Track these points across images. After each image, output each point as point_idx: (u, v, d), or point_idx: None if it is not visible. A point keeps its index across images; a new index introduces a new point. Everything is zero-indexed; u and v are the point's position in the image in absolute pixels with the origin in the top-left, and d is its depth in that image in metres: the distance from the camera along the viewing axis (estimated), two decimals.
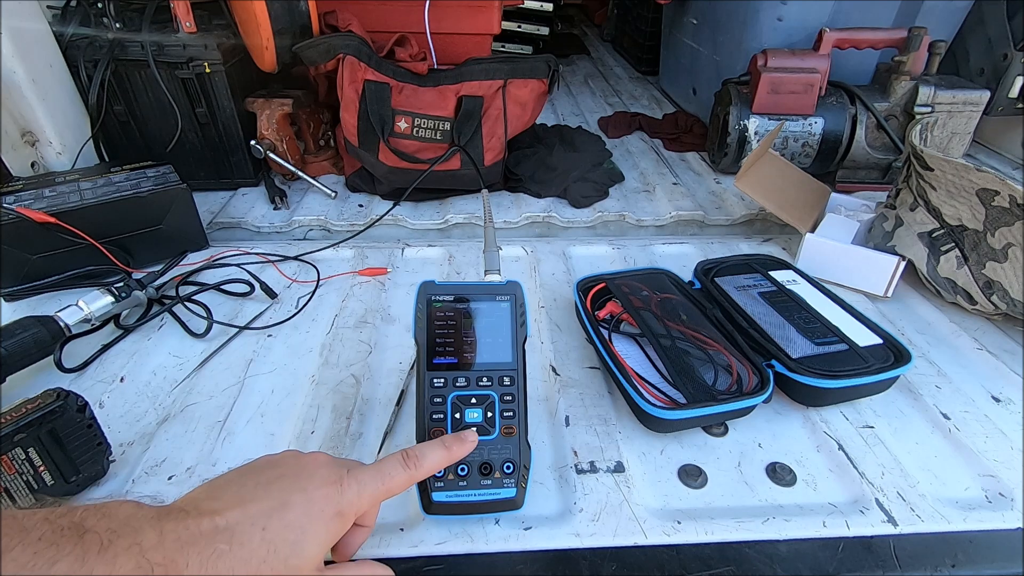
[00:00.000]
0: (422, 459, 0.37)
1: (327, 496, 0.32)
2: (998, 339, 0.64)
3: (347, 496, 0.33)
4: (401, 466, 0.36)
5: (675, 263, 0.73)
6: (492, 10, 1.00)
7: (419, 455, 0.37)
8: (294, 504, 0.31)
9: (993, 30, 0.99)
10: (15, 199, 0.67)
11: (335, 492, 0.32)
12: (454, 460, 0.39)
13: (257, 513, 0.30)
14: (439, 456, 0.38)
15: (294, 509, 0.31)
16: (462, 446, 0.39)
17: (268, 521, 0.30)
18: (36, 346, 0.55)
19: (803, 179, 0.87)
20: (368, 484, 0.34)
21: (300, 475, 0.33)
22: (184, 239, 0.75)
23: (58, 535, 0.25)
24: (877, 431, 0.52)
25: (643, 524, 0.43)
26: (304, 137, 0.94)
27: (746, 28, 1.01)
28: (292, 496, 0.31)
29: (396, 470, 0.35)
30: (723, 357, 0.53)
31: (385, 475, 0.35)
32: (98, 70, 0.80)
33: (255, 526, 0.29)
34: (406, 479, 0.36)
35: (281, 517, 0.30)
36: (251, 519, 0.29)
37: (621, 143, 1.12)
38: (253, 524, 0.29)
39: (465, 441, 0.39)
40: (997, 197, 0.60)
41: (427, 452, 0.37)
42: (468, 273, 0.75)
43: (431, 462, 0.37)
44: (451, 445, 0.39)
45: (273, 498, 0.31)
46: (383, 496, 0.35)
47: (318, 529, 0.31)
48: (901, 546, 0.43)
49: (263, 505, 0.30)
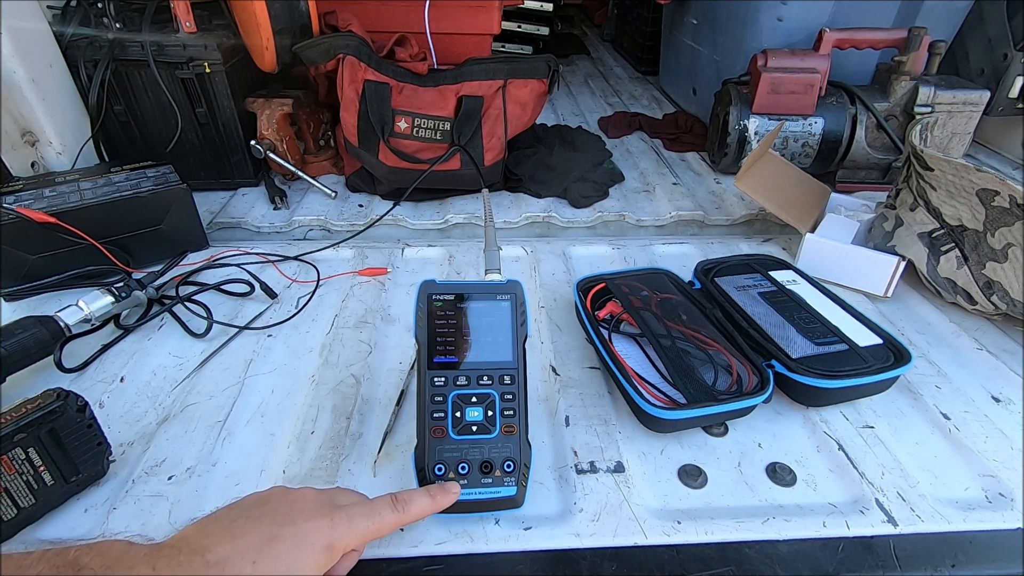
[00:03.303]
0: (409, 504, 0.38)
1: (317, 528, 0.33)
2: (998, 339, 0.64)
3: (337, 530, 0.33)
4: (390, 508, 0.37)
5: (675, 263, 0.73)
6: (492, 10, 1.00)
7: (407, 500, 0.38)
8: (284, 537, 0.31)
9: (993, 30, 0.99)
10: (15, 199, 0.67)
11: (325, 525, 0.33)
12: (438, 510, 0.39)
13: (247, 547, 0.30)
14: (425, 504, 0.39)
15: (284, 542, 0.31)
16: (446, 496, 0.40)
17: (258, 555, 0.30)
18: (36, 346, 0.55)
19: (803, 179, 0.87)
20: (358, 521, 0.35)
21: (290, 510, 0.33)
22: (184, 239, 0.75)
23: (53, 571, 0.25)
24: (877, 431, 0.52)
25: (643, 524, 0.43)
26: (304, 137, 0.94)
27: (746, 28, 1.01)
28: (282, 530, 0.32)
29: (386, 511, 0.36)
30: (723, 357, 0.53)
31: (375, 515, 0.36)
32: (98, 70, 0.80)
33: (245, 559, 0.30)
34: (394, 521, 0.36)
35: (271, 550, 0.31)
36: (241, 553, 0.30)
37: (621, 143, 1.12)
38: (243, 558, 0.30)
39: (449, 492, 0.40)
40: (997, 197, 0.60)
41: (414, 498, 0.38)
42: (468, 273, 0.75)
43: (417, 508, 0.38)
44: (436, 495, 0.40)
45: (263, 532, 0.31)
46: (372, 535, 0.36)
47: (308, 561, 0.32)
48: (901, 546, 0.43)
49: (253, 539, 0.31)
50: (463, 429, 0.42)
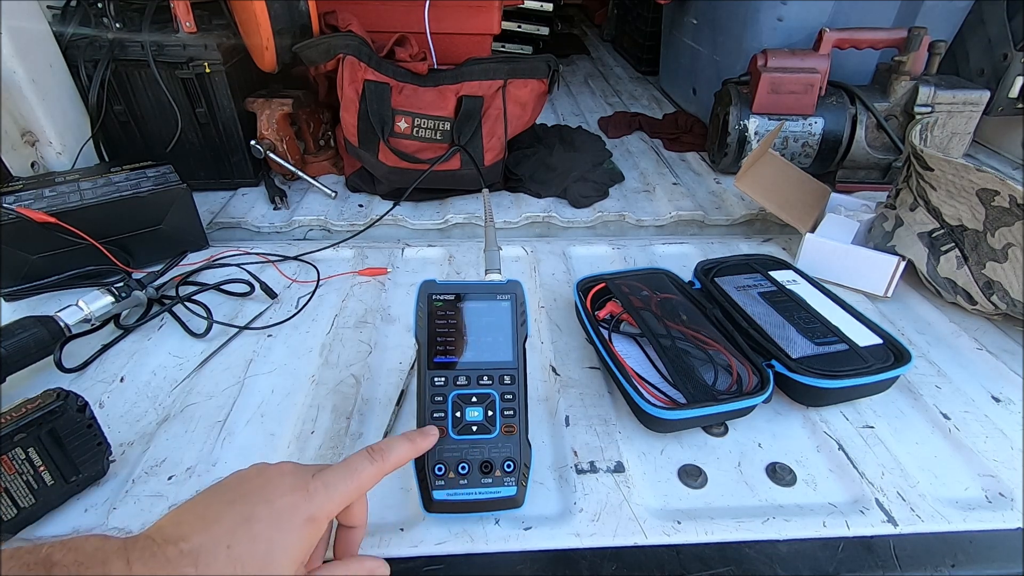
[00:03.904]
0: (388, 452, 0.37)
1: (293, 504, 0.32)
2: (998, 339, 0.64)
3: (316, 501, 0.33)
4: (368, 460, 0.36)
5: (675, 263, 0.73)
6: (492, 10, 1.00)
7: (385, 448, 0.37)
8: (259, 517, 0.31)
9: (993, 30, 0.99)
10: (15, 199, 0.67)
11: (301, 499, 0.32)
12: (419, 453, 0.39)
13: (221, 533, 0.30)
14: (404, 449, 0.38)
15: (259, 522, 0.31)
16: (425, 439, 0.40)
17: (232, 538, 0.29)
18: (36, 346, 0.55)
19: (803, 179, 0.87)
20: (337, 484, 0.34)
21: (265, 488, 0.32)
22: (184, 239, 0.75)
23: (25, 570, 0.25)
24: (877, 431, 0.52)
25: (643, 524, 0.43)
26: (304, 137, 0.94)
27: (746, 28, 1.01)
28: (256, 509, 0.31)
29: (363, 465, 0.35)
30: (723, 357, 0.53)
31: (353, 471, 0.35)
32: (98, 70, 0.80)
33: (219, 545, 0.29)
34: (374, 472, 0.36)
35: (246, 532, 0.30)
36: (215, 540, 0.29)
37: (621, 143, 1.12)
38: (217, 544, 0.29)
39: (428, 435, 0.40)
40: (997, 197, 0.60)
41: (393, 445, 0.38)
42: (468, 273, 0.75)
43: (397, 455, 0.37)
44: (415, 439, 0.39)
45: (237, 514, 0.31)
46: (354, 493, 0.35)
47: (288, 538, 0.31)
48: (901, 546, 0.43)
49: (226, 523, 0.30)
50: (463, 429, 0.42)
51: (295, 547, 0.31)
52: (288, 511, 0.31)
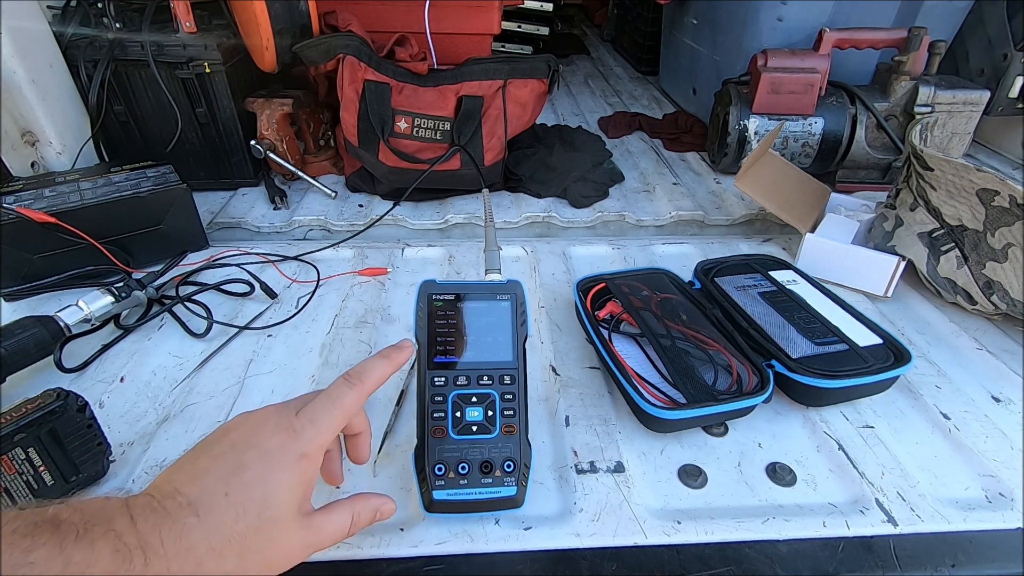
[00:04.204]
0: (365, 374, 0.37)
1: (282, 445, 0.32)
2: (998, 339, 0.64)
3: (304, 437, 0.33)
4: (347, 386, 0.36)
5: (675, 263, 0.73)
6: (492, 10, 1.00)
7: (362, 371, 0.37)
8: (249, 463, 0.31)
9: (993, 30, 0.99)
10: (15, 199, 0.67)
11: (289, 439, 0.32)
12: (396, 368, 0.39)
13: (215, 482, 0.30)
14: (381, 367, 0.38)
15: (251, 467, 0.31)
16: (401, 353, 0.39)
17: (228, 486, 0.30)
18: (36, 346, 0.55)
19: (803, 179, 0.87)
20: (321, 417, 0.34)
21: (251, 435, 0.32)
22: (184, 239, 0.75)
23: (32, 528, 0.25)
24: (877, 431, 0.52)
25: (643, 524, 0.43)
26: (304, 137, 0.94)
27: (746, 28, 1.01)
28: (245, 457, 0.31)
29: (344, 392, 0.36)
30: (723, 357, 0.53)
31: (335, 403, 0.35)
32: (98, 70, 0.80)
33: (217, 494, 0.29)
34: (356, 397, 0.36)
35: (240, 479, 0.30)
36: (211, 489, 0.30)
37: (621, 143, 1.12)
38: (214, 493, 0.29)
39: (403, 349, 0.40)
40: (997, 197, 0.60)
41: (369, 367, 0.38)
42: (468, 273, 0.75)
43: (375, 375, 0.37)
44: (390, 354, 0.39)
45: (227, 464, 0.31)
46: (340, 422, 0.35)
47: (283, 478, 0.31)
48: (901, 546, 0.43)
49: (219, 474, 0.30)
50: (463, 429, 0.42)
51: (292, 486, 0.32)
52: (278, 453, 0.32)
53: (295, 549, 0.32)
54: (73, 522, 0.26)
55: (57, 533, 0.25)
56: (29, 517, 0.25)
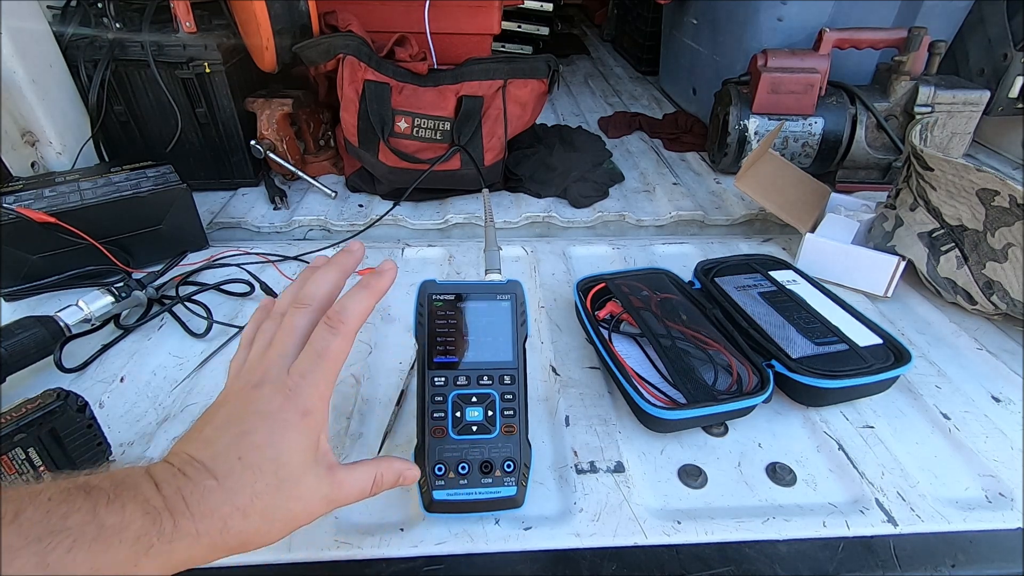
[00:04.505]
0: (345, 313, 0.34)
1: (281, 406, 0.32)
2: (998, 339, 0.64)
3: (302, 395, 0.32)
4: (329, 333, 0.34)
5: (675, 263, 0.73)
6: (492, 10, 1.00)
7: (340, 310, 0.35)
8: (255, 428, 0.31)
9: (993, 30, 0.99)
10: (15, 199, 0.67)
11: (286, 399, 0.32)
12: (379, 296, 0.37)
13: (225, 448, 0.30)
14: (362, 301, 0.35)
15: (257, 431, 0.31)
16: (380, 279, 0.37)
17: (239, 450, 0.30)
18: (36, 346, 0.55)
19: (803, 179, 0.87)
20: (312, 372, 0.33)
21: (248, 400, 0.32)
22: (184, 239, 0.75)
23: (66, 494, 0.26)
24: (877, 431, 0.52)
25: (643, 524, 0.43)
26: (304, 137, 0.94)
27: (746, 28, 1.01)
28: (247, 422, 0.31)
29: (327, 340, 0.34)
30: (723, 357, 0.53)
31: (321, 352, 0.33)
32: (98, 70, 0.80)
33: (231, 458, 0.30)
34: (341, 343, 0.34)
35: (249, 442, 0.30)
36: (224, 455, 0.30)
37: (621, 143, 1.12)
38: (228, 458, 0.30)
39: (383, 273, 0.37)
40: (997, 197, 0.60)
41: (348, 304, 0.35)
42: (468, 273, 0.75)
43: (357, 312, 0.35)
44: (369, 283, 0.37)
45: (233, 431, 0.31)
46: (333, 373, 0.34)
47: (290, 437, 0.31)
48: (901, 546, 0.43)
49: (227, 440, 0.31)
50: (463, 429, 0.42)
51: (301, 443, 0.32)
52: (280, 413, 0.32)
53: (316, 503, 0.32)
54: (103, 488, 0.27)
55: (89, 499, 0.26)
56: (62, 484, 0.26)
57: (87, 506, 0.25)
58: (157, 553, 0.26)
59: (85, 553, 0.24)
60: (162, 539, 0.26)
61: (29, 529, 0.24)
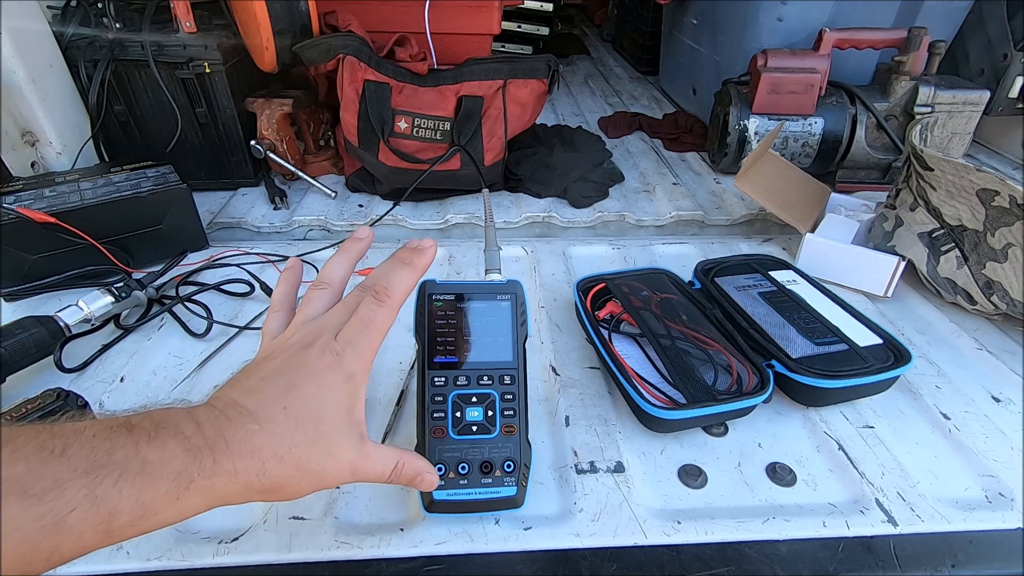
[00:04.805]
0: (392, 288, 0.36)
1: (329, 366, 0.33)
2: (998, 339, 0.64)
3: (347, 360, 0.33)
4: (376, 305, 0.35)
5: (675, 263, 0.73)
6: (492, 10, 1.00)
7: (387, 284, 0.36)
8: (302, 383, 0.32)
9: (993, 30, 0.99)
10: (15, 199, 0.67)
11: (334, 362, 0.33)
12: (422, 272, 0.38)
13: (271, 397, 0.31)
14: (407, 278, 0.37)
15: (304, 386, 0.32)
16: (422, 257, 0.38)
17: (284, 401, 0.31)
18: (36, 346, 0.55)
19: (803, 179, 0.87)
20: (359, 340, 0.34)
21: (296, 357, 0.33)
22: (184, 239, 0.75)
23: (109, 431, 0.27)
24: (877, 431, 0.52)
25: (643, 524, 0.43)
26: (304, 137, 0.94)
27: (746, 28, 1.01)
28: (296, 378, 0.32)
29: (374, 312, 0.35)
30: (723, 357, 0.53)
31: (367, 323, 0.35)
32: (98, 70, 0.80)
33: (276, 407, 0.31)
34: (386, 314, 0.36)
35: (295, 395, 0.32)
36: (269, 403, 0.31)
37: (621, 143, 1.12)
38: (273, 405, 0.31)
39: (423, 251, 0.38)
40: (997, 197, 0.60)
41: (394, 279, 0.36)
42: (468, 273, 0.75)
43: (402, 287, 0.37)
44: (411, 260, 0.38)
45: (280, 383, 0.32)
46: (377, 341, 0.35)
47: (333, 396, 0.33)
48: (901, 546, 0.43)
49: (273, 390, 0.32)
50: (463, 429, 0.42)
51: (342, 405, 0.33)
52: (327, 373, 0.33)
53: (344, 468, 0.33)
54: (144, 427, 0.27)
55: (131, 436, 0.27)
56: (105, 423, 0.27)
57: (130, 443, 0.26)
58: (197, 489, 0.27)
59: (130, 486, 0.25)
60: (202, 475, 0.27)
61: (77, 463, 0.25)
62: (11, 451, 0.24)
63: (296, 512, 0.43)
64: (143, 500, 0.26)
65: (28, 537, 0.23)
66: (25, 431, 0.25)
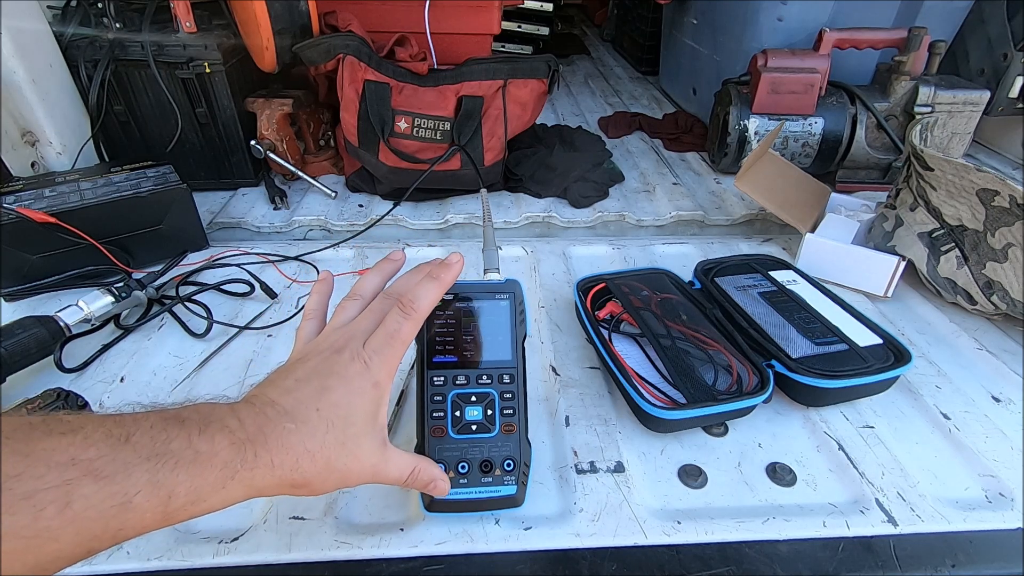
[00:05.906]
0: (418, 302, 0.38)
1: (359, 373, 0.35)
2: (998, 339, 0.64)
3: (374, 368, 0.35)
4: (402, 317, 0.37)
5: (675, 263, 0.73)
6: (492, 10, 1.00)
7: (414, 298, 0.38)
8: (333, 387, 0.34)
9: (993, 30, 0.99)
10: (15, 199, 0.67)
11: (363, 369, 0.35)
12: (447, 286, 0.40)
13: (306, 398, 0.33)
14: (433, 292, 0.39)
15: (335, 390, 0.34)
16: (450, 271, 0.40)
17: (318, 403, 0.33)
18: (36, 346, 0.55)
19: (803, 179, 0.87)
20: (385, 350, 0.36)
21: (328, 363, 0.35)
22: (184, 239, 0.75)
23: (164, 423, 0.29)
24: (877, 431, 0.52)
25: (643, 524, 0.43)
26: (304, 137, 0.94)
27: (746, 28, 1.01)
28: (328, 381, 0.34)
29: (400, 323, 0.37)
30: (723, 357, 0.53)
31: (393, 333, 0.36)
32: (98, 70, 0.80)
33: (309, 407, 0.33)
34: (411, 327, 0.37)
35: (327, 398, 0.34)
36: (304, 403, 0.33)
37: (621, 143, 1.12)
38: (307, 406, 0.33)
39: (451, 265, 0.40)
40: (997, 197, 0.60)
41: (420, 292, 0.38)
42: (467, 272, 0.74)
43: (428, 301, 0.38)
44: (439, 275, 0.39)
45: (313, 385, 0.34)
46: (402, 352, 0.37)
47: (360, 401, 0.34)
48: (901, 546, 0.43)
49: (307, 391, 0.34)
50: (463, 428, 0.42)
51: (368, 409, 0.35)
52: (357, 379, 0.35)
53: (367, 469, 0.35)
54: (194, 420, 0.30)
55: (184, 428, 0.29)
56: (159, 415, 0.29)
57: (183, 434, 0.28)
58: (240, 479, 0.29)
59: (185, 473, 0.28)
60: (244, 466, 0.30)
61: (140, 450, 0.27)
62: (83, 437, 0.26)
63: (296, 512, 0.43)
64: (195, 486, 0.28)
65: (100, 515, 0.25)
66: (93, 419, 0.27)
